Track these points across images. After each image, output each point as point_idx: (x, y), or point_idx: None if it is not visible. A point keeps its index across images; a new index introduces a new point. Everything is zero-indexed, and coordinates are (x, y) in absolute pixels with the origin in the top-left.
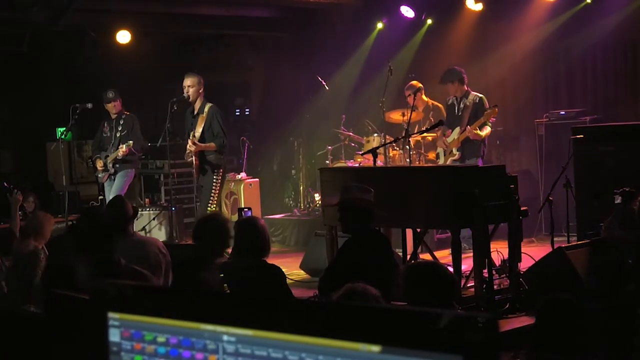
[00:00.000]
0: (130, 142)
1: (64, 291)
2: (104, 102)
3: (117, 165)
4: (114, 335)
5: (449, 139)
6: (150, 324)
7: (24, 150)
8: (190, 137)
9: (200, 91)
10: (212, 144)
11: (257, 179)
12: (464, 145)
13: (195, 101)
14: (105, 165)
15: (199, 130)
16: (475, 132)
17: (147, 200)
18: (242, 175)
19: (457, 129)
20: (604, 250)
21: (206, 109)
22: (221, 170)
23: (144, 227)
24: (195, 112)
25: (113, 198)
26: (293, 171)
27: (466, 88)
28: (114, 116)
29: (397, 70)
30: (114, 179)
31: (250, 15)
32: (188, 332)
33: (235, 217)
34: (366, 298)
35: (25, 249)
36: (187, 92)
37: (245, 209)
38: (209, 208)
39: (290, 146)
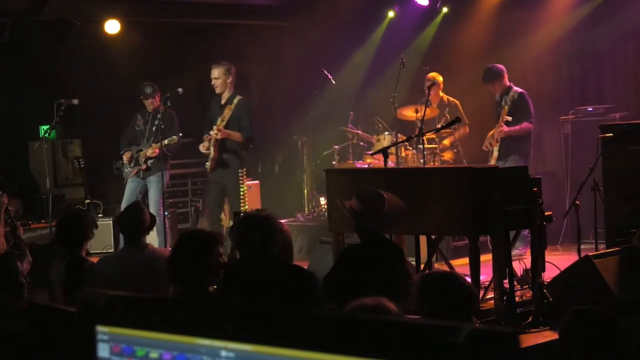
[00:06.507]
0: (175, 137)
1: (47, 302)
2: (140, 97)
3: (151, 161)
4: (103, 351)
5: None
6: (142, 338)
7: (4, 150)
8: (216, 125)
9: (228, 81)
10: (238, 134)
11: (257, 181)
12: (507, 144)
13: (223, 92)
14: (137, 159)
15: (224, 120)
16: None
17: None
18: None
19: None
20: (635, 259)
21: (235, 101)
22: (244, 169)
23: None
24: (223, 102)
25: (131, 204)
26: (297, 173)
27: (507, 84)
28: (150, 109)
29: (410, 63)
30: (142, 176)
31: (250, 3)
32: (183, 347)
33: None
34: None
35: None
36: (214, 84)
37: (242, 214)
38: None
39: (294, 145)
